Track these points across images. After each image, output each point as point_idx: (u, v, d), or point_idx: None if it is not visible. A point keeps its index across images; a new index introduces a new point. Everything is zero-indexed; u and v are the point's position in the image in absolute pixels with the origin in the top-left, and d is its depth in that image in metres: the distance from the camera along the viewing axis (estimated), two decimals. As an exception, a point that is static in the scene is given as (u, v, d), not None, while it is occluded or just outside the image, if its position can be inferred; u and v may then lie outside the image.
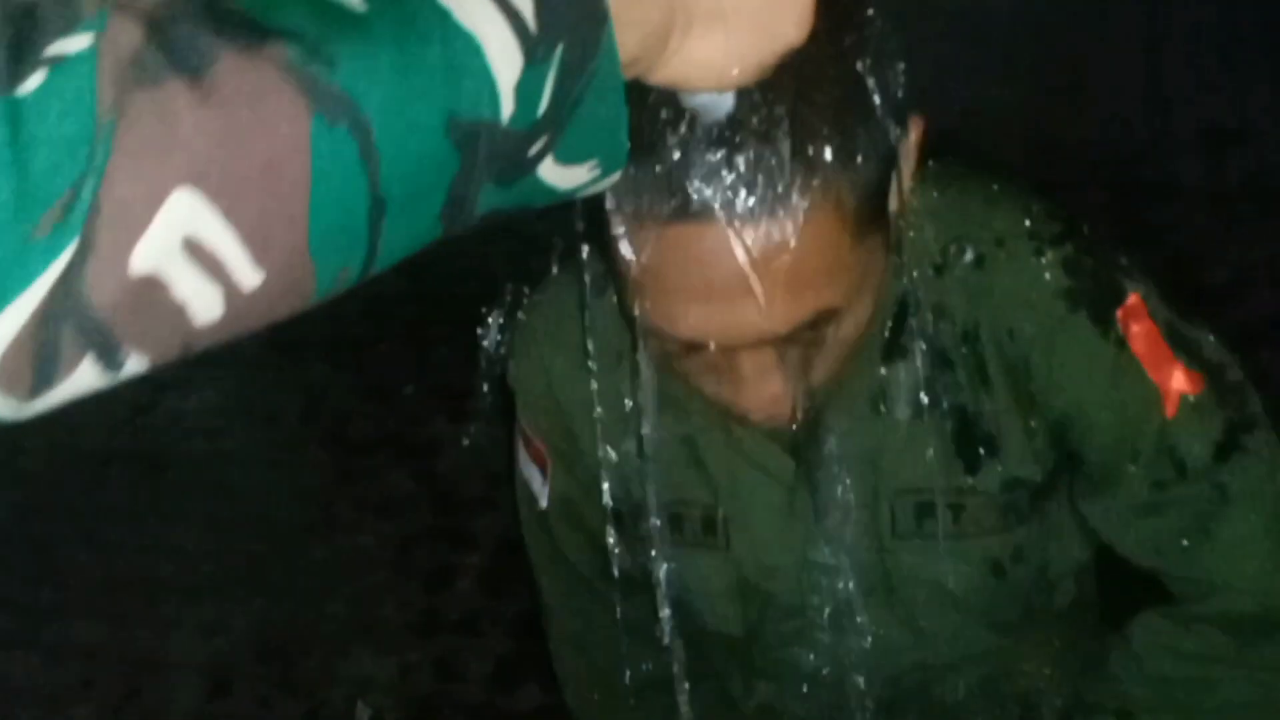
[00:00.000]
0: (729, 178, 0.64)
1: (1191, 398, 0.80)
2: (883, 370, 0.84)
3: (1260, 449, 0.81)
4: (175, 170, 0.38)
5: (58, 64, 0.36)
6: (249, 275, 0.40)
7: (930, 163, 0.79)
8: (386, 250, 0.45)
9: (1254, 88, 2.71)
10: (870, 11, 0.69)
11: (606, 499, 0.91)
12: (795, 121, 0.64)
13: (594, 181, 0.51)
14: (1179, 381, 0.80)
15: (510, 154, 0.47)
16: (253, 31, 0.40)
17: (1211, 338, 0.83)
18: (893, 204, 0.74)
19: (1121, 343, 0.80)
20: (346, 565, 2.37)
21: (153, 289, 0.39)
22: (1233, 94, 2.71)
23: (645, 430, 0.90)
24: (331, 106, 0.41)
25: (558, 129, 0.47)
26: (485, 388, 0.95)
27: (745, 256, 0.66)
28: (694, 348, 0.72)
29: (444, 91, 0.43)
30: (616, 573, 0.91)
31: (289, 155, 0.40)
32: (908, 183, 0.75)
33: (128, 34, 0.38)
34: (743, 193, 0.65)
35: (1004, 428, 0.84)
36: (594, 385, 0.88)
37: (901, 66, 0.70)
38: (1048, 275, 0.80)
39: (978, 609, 0.89)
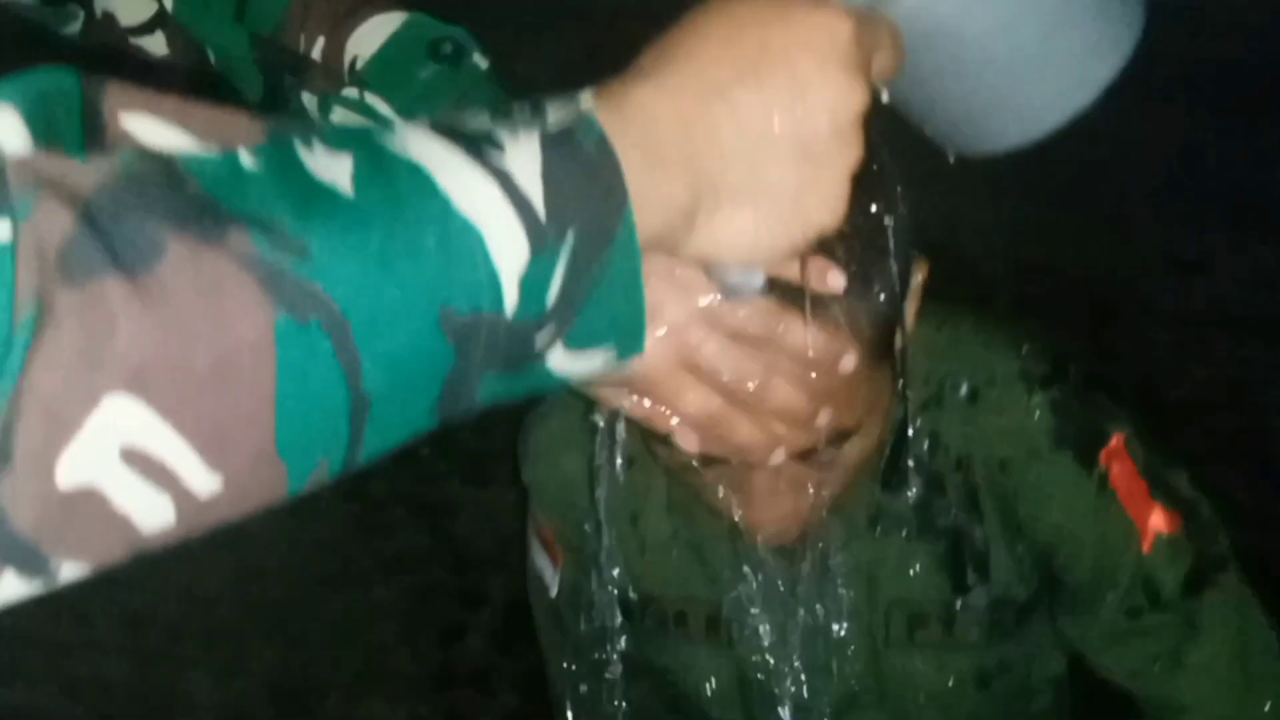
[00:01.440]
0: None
1: (1167, 535, 0.81)
2: (881, 492, 0.85)
3: (1228, 585, 0.82)
4: (108, 377, 0.32)
5: None
6: (203, 480, 0.34)
7: (931, 301, 0.79)
8: (372, 444, 0.39)
9: (1214, 220, 2.74)
10: (884, 159, 0.68)
11: (614, 590, 0.91)
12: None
13: (609, 365, 0.45)
14: (1156, 520, 0.81)
15: (514, 346, 0.40)
16: (211, 217, 0.34)
17: (1186, 477, 0.84)
18: (899, 339, 0.75)
19: (1104, 481, 0.81)
20: (362, 617, 2.35)
21: (87, 501, 0.33)
22: (1194, 225, 2.75)
23: (652, 533, 0.91)
24: (300, 302, 0.35)
25: (568, 318, 0.41)
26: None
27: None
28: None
29: (436, 284, 0.37)
30: (621, 665, 0.90)
31: (247, 355, 0.34)
32: (912, 320, 0.76)
33: (57, 221, 0.31)
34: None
35: (993, 551, 0.85)
36: (602, 491, 0.87)
37: (907, 214, 0.70)
38: (1037, 415, 0.82)
39: (962, 713, 0.89)
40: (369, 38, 0.67)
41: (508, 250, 0.39)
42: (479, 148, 0.39)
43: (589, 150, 0.41)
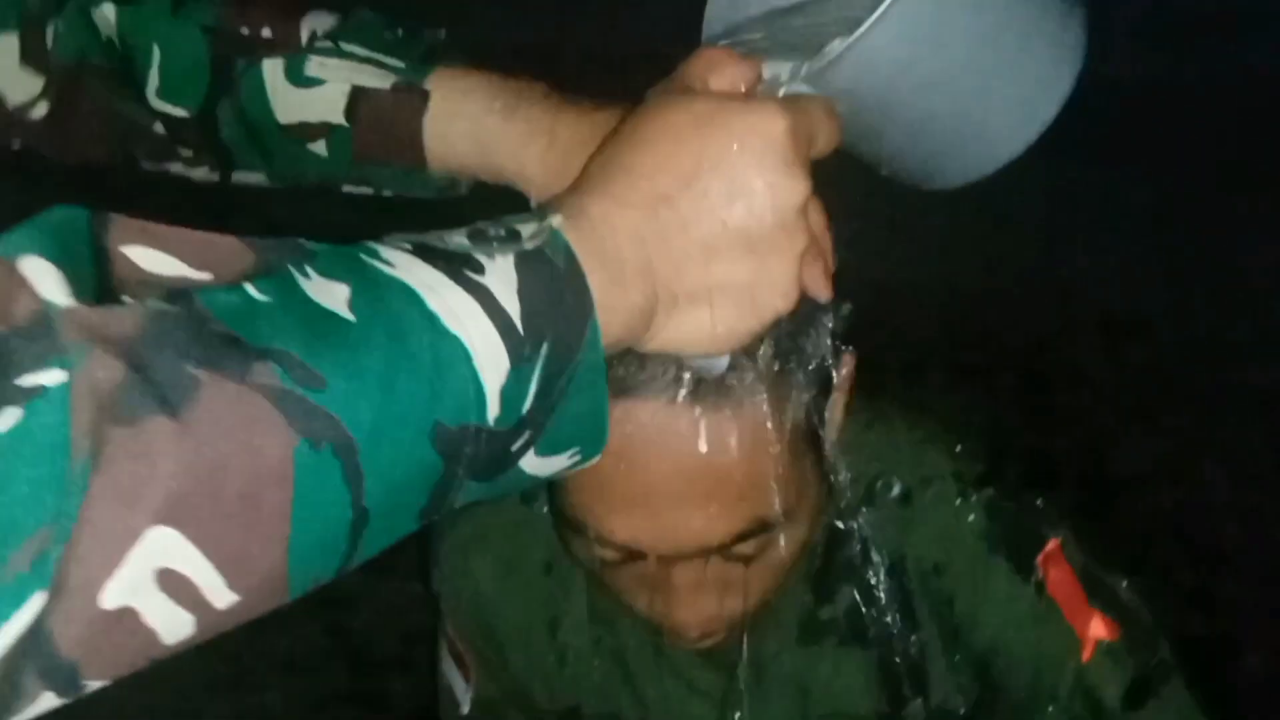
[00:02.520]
0: (674, 368, 0.66)
1: (1107, 643, 0.83)
2: (811, 597, 0.86)
3: (1170, 696, 0.84)
4: (151, 509, 0.36)
5: (30, 401, 0.35)
6: (222, 597, 0.39)
7: (862, 399, 0.81)
8: (363, 554, 0.43)
9: (1151, 280, 2.83)
10: None
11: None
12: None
13: (573, 466, 0.50)
14: (1096, 628, 0.82)
15: (494, 453, 0.46)
16: (239, 354, 0.38)
17: (1125, 583, 0.86)
18: (829, 432, 0.77)
19: (1040, 587, 0.82)
20: (252, 726, 2.29)
21: (122, 620, 0.37)
22: (1130, 286, 2.83)
23: (573, 640, 0.91)
24: (318, 429, 0.39)
25: (541, 424, 0.47)
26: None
27: (686, 452, 0.67)
28: (629, 557, 0.72)
29: (431, 400, 0.42)
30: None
31: (271, 482, 0.39)
32: (839, 414, 0.77)
33: (108, 370, 0.36)
34: (686, 381, 0.66)
35: (929, 659, 0.86)
36: (520, 605, 0.90)
37: (847, 309, 0.73)
38: (971, 517, 0.84)
39: None
40: (323, 19, 0.74)
41: (491, 364, 0.44)
42: (460, 269, 0.45)
43: (558, 266, 0.46)
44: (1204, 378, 2.58)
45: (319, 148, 0.75)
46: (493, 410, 0.44)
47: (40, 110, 0.74)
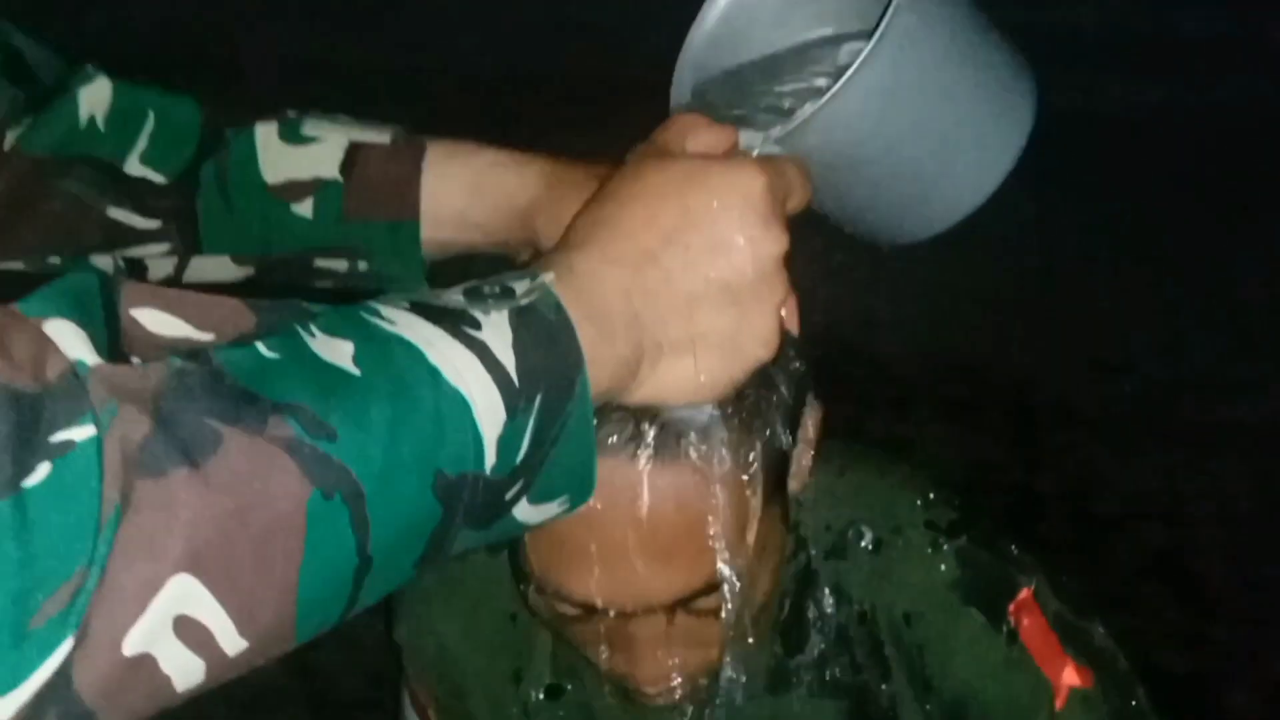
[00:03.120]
0: (632, 425, 0.66)
1: (1081, 691, 0.83)
2: (781, 647, 0.86)
3: None
4: (174, 558, 0.39)
5: (63, 455, 0.37)
6: (234, 643, 0.41)
7: (833, 443, 0.82)
8: (364, 601, 0.46)
9: (1140, 315, 2.84)
10: None
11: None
12: None
13: (563, 513, 0.53)
14: (1069, 675, 0.83)
15: (490, 501, 0.48)
16: (257, 409, 0.41)
17: (1101, 629, 0.86)
18: (793, 484, 0.77)
19: (1013, 636, 0.83)
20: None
21: (140, 668, 0.39)
22: (1118, 321, 2.84)
23: (537, 693, 0.90)
24: (330, 479, 0.42)
25: (534, 473, 0.49)
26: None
27: (646, 506, 0.68)
28: (588, 611, 0.73)
29: (434, 450, 0.45)
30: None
31: (286, 532, 0.41)
32: (807, 463, 0.78)
33: (136, 425, 0.39)
34: (647, 439, 0.67)
35: (901, 709, 0.86)
36: (483, 662, 0.90)
37: (799, 366, 0.74)
38: (943, 567, 0.84)
39: None
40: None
41: (489, 415, 0.47)
42: (458, 325, 0.48)
43: (550, 320, 0.50)
44: (1193, 415, 2.59)
45: (304, 208, 0.76)
46: (490, 459, 0.47)
47: None
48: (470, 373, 0.46)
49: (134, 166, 0.76)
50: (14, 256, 0.77)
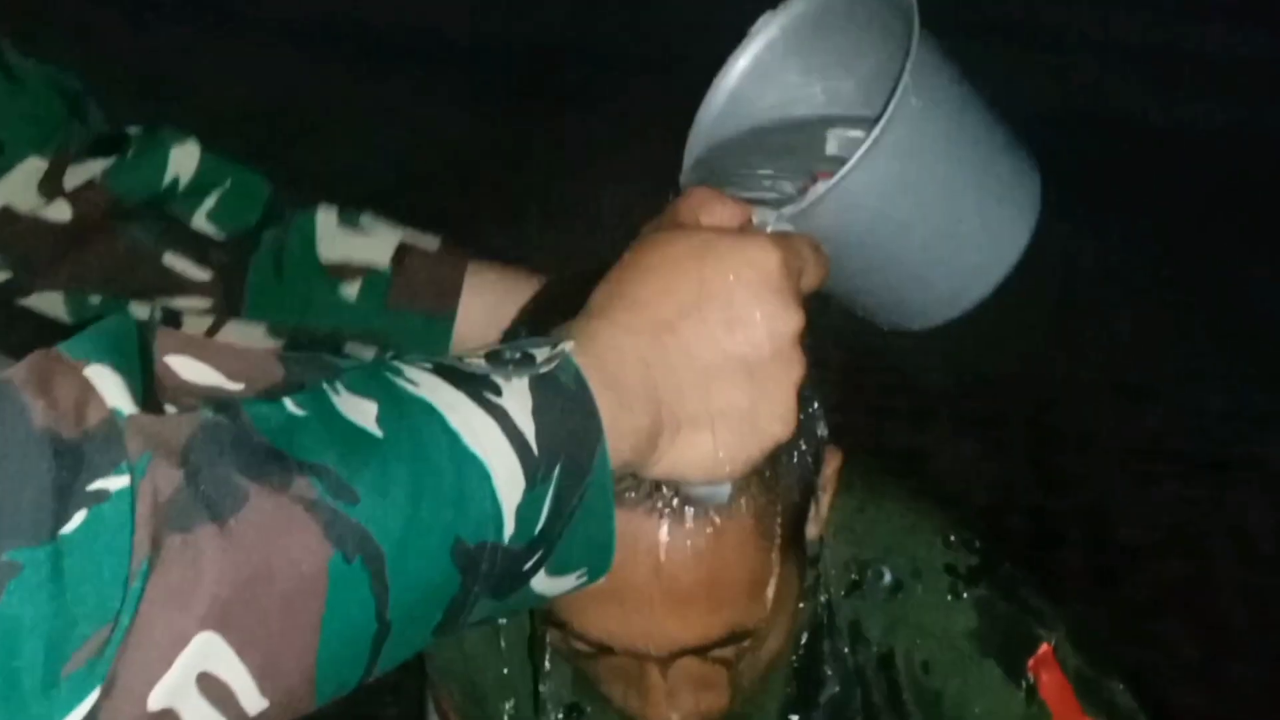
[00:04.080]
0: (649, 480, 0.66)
1: None
2: (795, 689, 0.85)
3: None
4: (200, 615, 0.40)
5: (98, 504, 0.38)
6: (254, 703, 0.42)
7: (852, 464, 0.81)
8: (381, 667, 0.46)
9: (1162, 348, 2.83)
10: None
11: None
12: None
13: (580, 586, 0.53)
14: (1088, 733, 0.82)
15: (508, 572, 0.49)
16: (282, 468, 0.42)
17: (1121, 685, 0.85)
18: (812, 530, 0.77)
19: (1032, 692, 0.82)
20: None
21: None
22: (1143, 348, 2.83)
23: (556, 715, 0.90)
24: (351, 542, 0.43)
25: (552, 544, 0.50)
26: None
27: (665, 556, 0.68)
28: (603, 650, 0.72)
29: (453, 518, 0.46)
30: None
31: (307, 593, 0.42)
32: (825, 510, 0.78)
33: (167, 478, 0.40)
34: (667, 496, 0.67)
35: None
36: (505, 670, 0.90)
37: (818, 408, 0.74)
38: (962, 616, 0.83)
39: None
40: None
41: (508, 483, 0.47)
42: (479, 390, 0.48)
43: (570, 389, 0.50)
44: (1216, 449, 2.58)
45: (350, 290, 0.81)
46: (509, 529, 0.48)
47: (61, 214, 0.80)
48: (490, 439, 0.47)
49: (199, 221, 0.82)
50: (64, 285, 0.81)
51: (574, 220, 2.66)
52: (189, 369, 0.44)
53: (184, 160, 0.82)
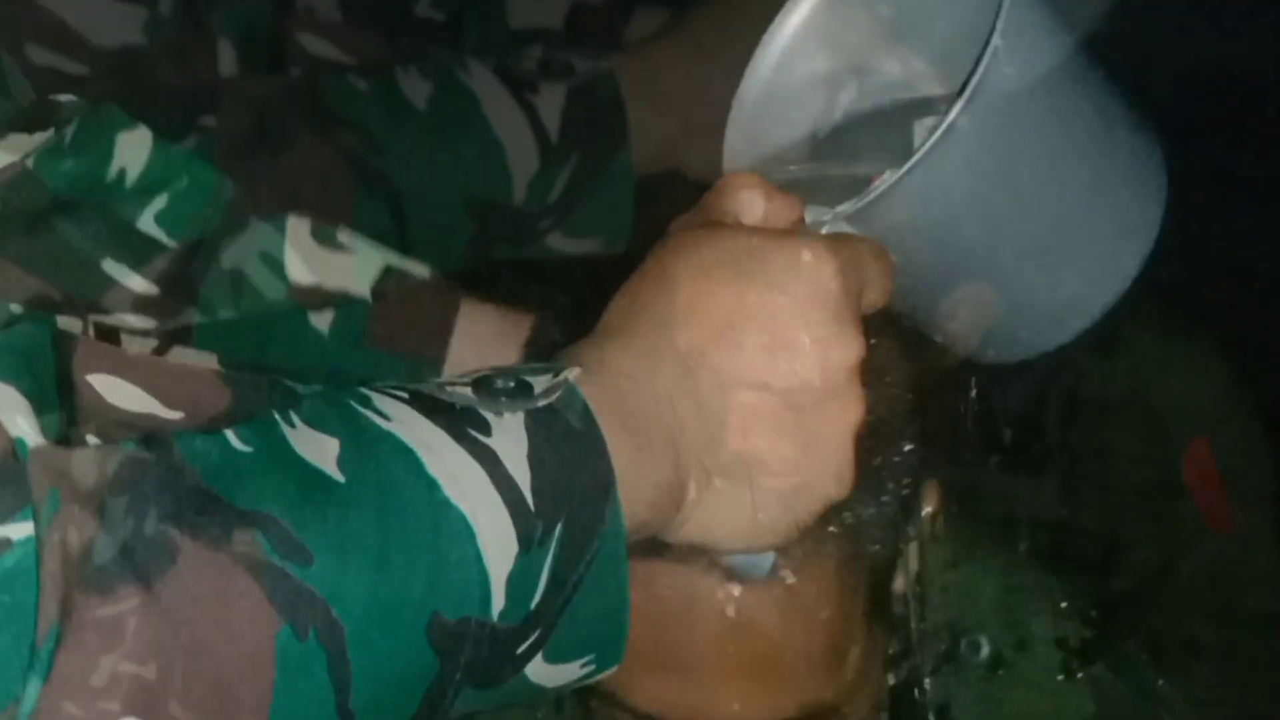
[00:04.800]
0: None
1: None
2: None
3: None
4: (119, 698, 0.34)
5: None
6: None
7: (950, 524, 0.74)
8: None
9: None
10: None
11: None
12: None
13: (587, 677, 0.46)
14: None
15: (497, 656, 0.41)
16: (221, 518, 0.36)
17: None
18: (899, 584, 0.70)
19: None
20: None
21: None
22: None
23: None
24: (303, 613, 0.36)
25: (551, 623, 0.42)
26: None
27: (727, 619, 0.61)
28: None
29: (430, 585, 0.39)
30: None
31: (250, 672, 0.36)
32: (915, 562, 0.71)
33: (79, 527, 0.34)
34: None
35: None
36: None
37: (909, 448, 0.66)
38: (1074, 699, 0.75)
39: None
40: None
41: (497, 545, 0.40)
42: (463, 427, 0.41)
43: (574, 428, 0.43)
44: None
45: (321, 322, 0.71)
46: (498, 603, 0.40)
47: None
48: (476, 489, 0.40)
49: (147, 223, 0.70)
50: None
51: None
52: (116, 391, 0.39)
53: (132, 150, 0.71)
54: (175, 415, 0.39)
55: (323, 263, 0.70)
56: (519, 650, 0.42)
